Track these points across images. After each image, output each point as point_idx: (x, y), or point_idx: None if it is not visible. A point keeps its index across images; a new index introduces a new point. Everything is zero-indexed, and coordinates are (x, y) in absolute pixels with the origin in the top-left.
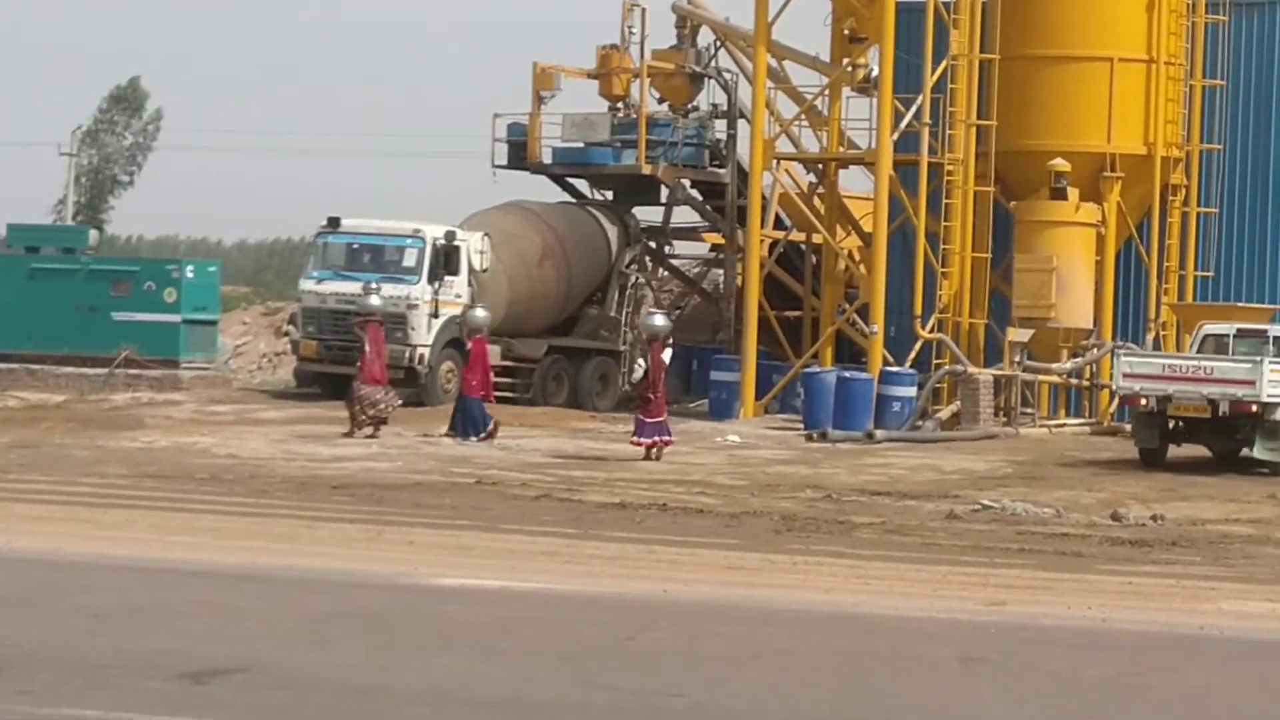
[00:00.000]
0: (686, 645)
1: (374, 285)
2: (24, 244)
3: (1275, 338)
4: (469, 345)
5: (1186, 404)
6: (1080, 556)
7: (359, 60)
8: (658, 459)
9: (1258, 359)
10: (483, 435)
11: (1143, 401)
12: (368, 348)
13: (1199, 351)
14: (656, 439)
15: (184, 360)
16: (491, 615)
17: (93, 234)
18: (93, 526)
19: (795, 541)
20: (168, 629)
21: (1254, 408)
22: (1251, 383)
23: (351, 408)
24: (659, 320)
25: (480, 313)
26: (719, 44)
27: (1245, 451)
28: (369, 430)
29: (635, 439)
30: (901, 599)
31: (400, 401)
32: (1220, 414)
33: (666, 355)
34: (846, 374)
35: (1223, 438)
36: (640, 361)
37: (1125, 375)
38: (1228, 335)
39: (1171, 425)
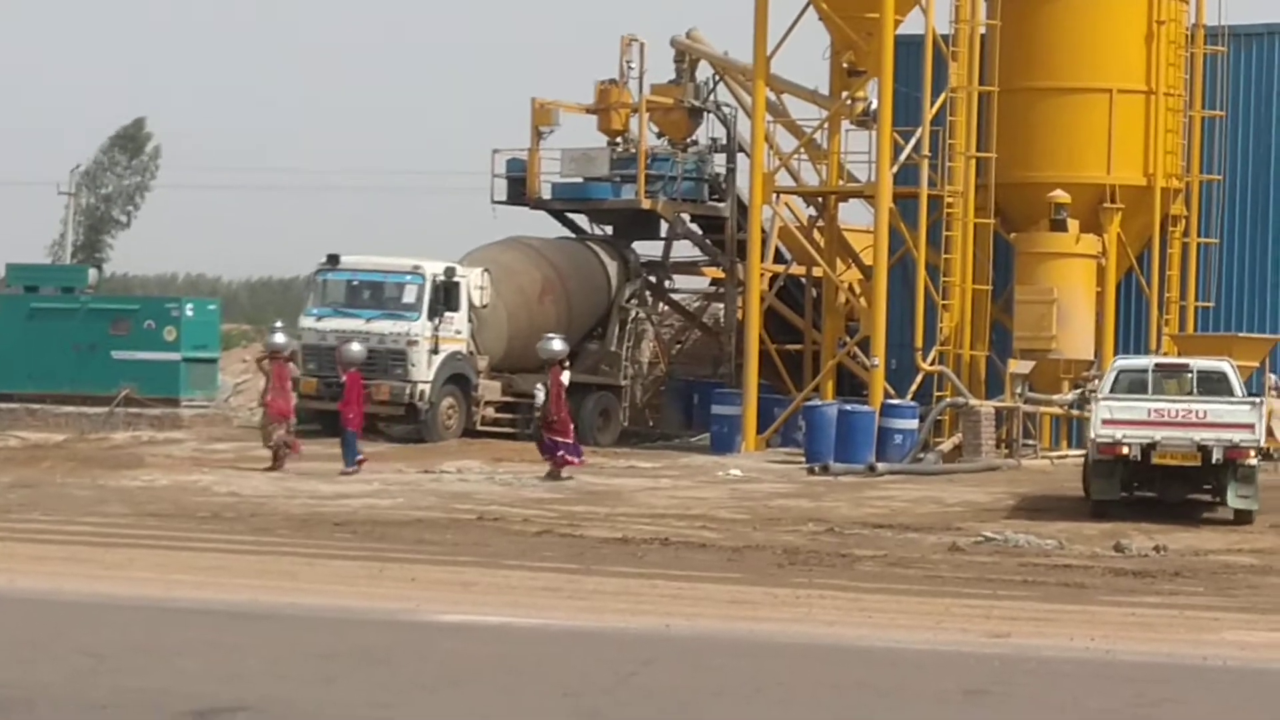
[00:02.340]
0: (689, 680)
1: (279, 324)
2: (23, 283)
3: (1201, 372)
4: (343, 378)
5: (1174, 451)
6: (1083, 588)
7: (357, 97)
8: (569, 478)
9: (1257, 400)
10: (350, 469)
11: (1124, 450)
12: (271, 382)
13: (1113, 391)
14: (566, 456)
15: (184, 398)
16: (494, 651)
17: (92, 273)
18: (94, 566)
19: (798, 575)
20: (170, 668)
21: (1250, 454)
22: (1250, 426)
23: (266, 436)
24: (556, 344)
25: (355, 346)
26: (718, 78)
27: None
28: (271, 464)
29: (557, 457)
30: (904, 631)
31: (293, 442)
32: (1214, 461)
33: (565, 378)
34: (848, 407)
35: (1187, 486)
36: (540, 386)
37: (1106, 421)
38: (1145, 370)
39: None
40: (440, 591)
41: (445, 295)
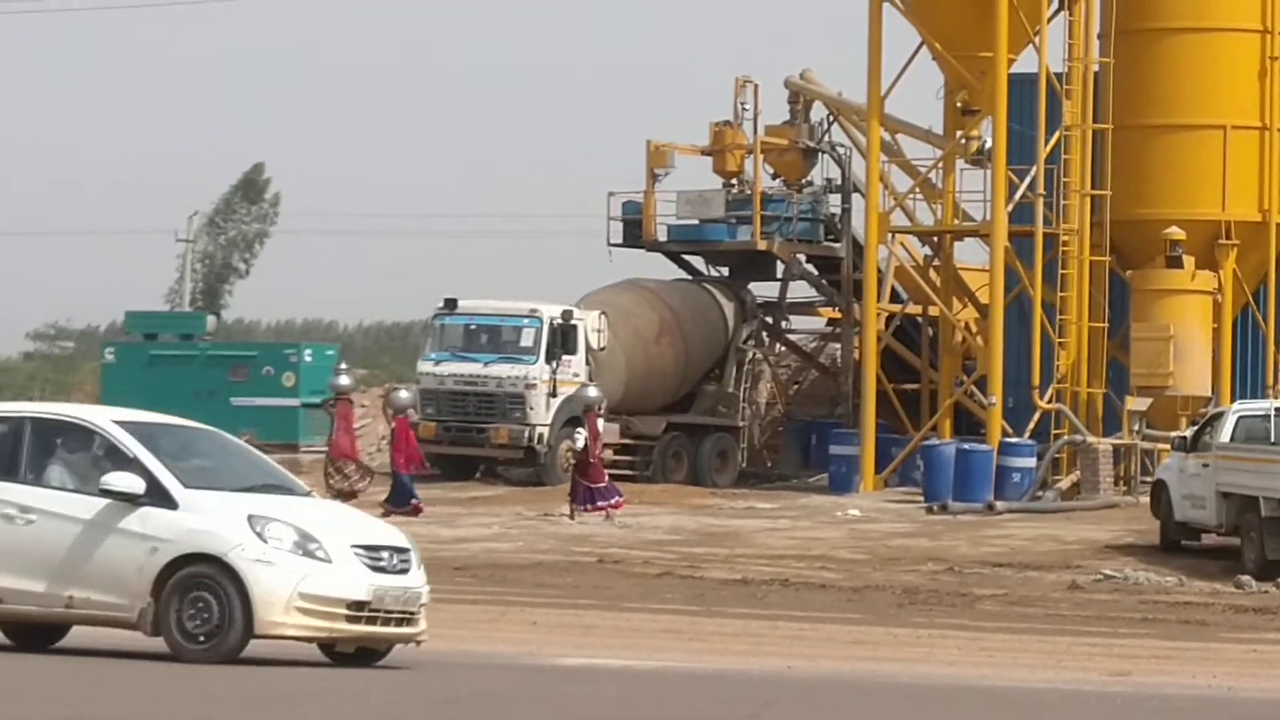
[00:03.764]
0: None
1: (342, 365)
2: (142, 330)
3: None
4: (393, 425)
5: None
6: (1204, 625)
7: (473, 141)
8: (610, 519)
9: None
10: (404, 508)
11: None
12: (336, 425)
13: (1231, 440)
14: (611, 500)
15: (303, 444)
16: (614, 694)
17: (210, 319)
18: None
19: (918, 614)
20: (290, 715)
21: None
22: None
23: (327, 481)
24: (592, 393)
25: (404, 394)
26: (832, 118)
27: None
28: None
29: (588, 506)
30: (1025, 670)
31: (367, 481)
32: None
33: (601, 424)
34: (965, 446)
35: None
36: (579, 431)
37: (1246, 475)
38: (1267, 415)
39: None
40: (561, 635)
41: (562, 338)
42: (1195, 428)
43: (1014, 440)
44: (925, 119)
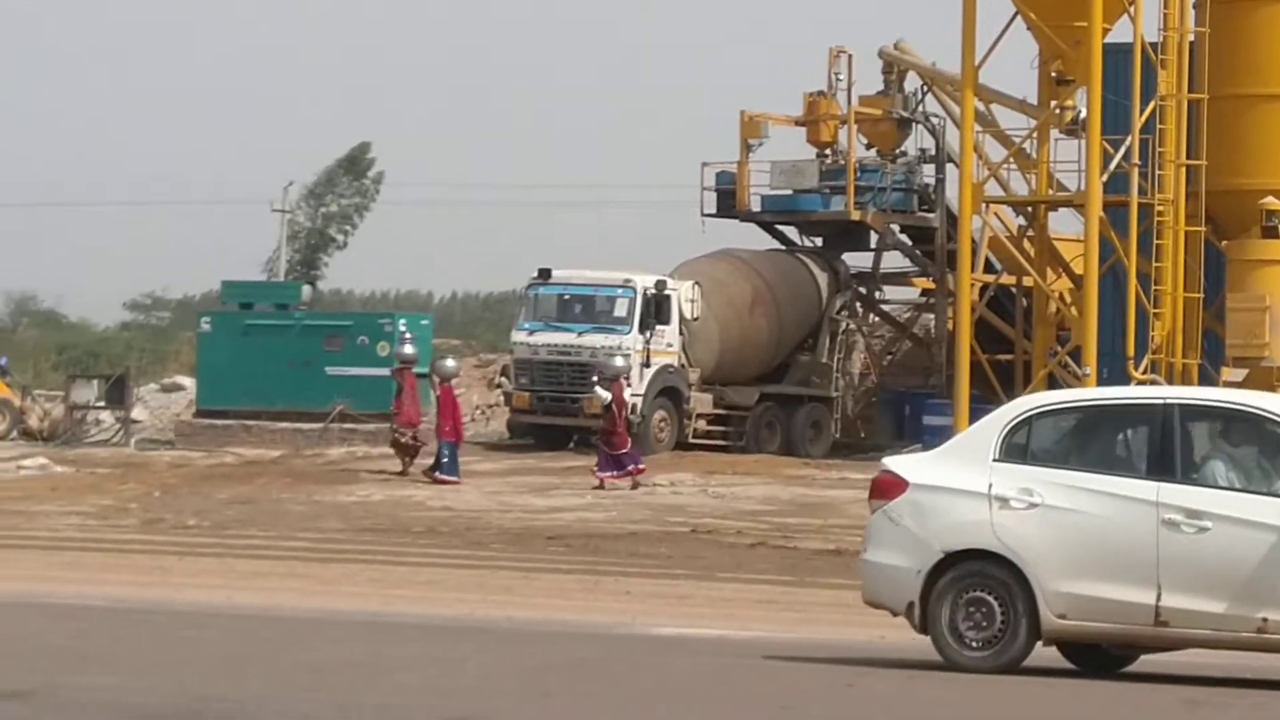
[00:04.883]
0: (905, 690)
1: (409, 335)
2: (238, 300)
3: None
4: (436, 393)
5: None
6: None
7: (566, 112)
8: (635, 488)
9: None
10: (450, 478)
11: None
12: (405, 394)
13: None
14: (636, 465)
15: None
16: (710, 664)
17: (306, 289)
18: (311, 581)
19: None
20: (388, 683)
21: None
22: None
23: (395, 439)
24: (619, 361)
25: (450, 362)
26: (926, 88)
27: None
28: (403, 464)
29: (611, 475)
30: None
31: (422, 445)
32: None
33: (627, 394)
34: None
35: None
36: (602, 391)
37: None
38: None
39: None
40: (655, 604)
41: (656, 308)
42: None
43: None
44: (1019, 89)
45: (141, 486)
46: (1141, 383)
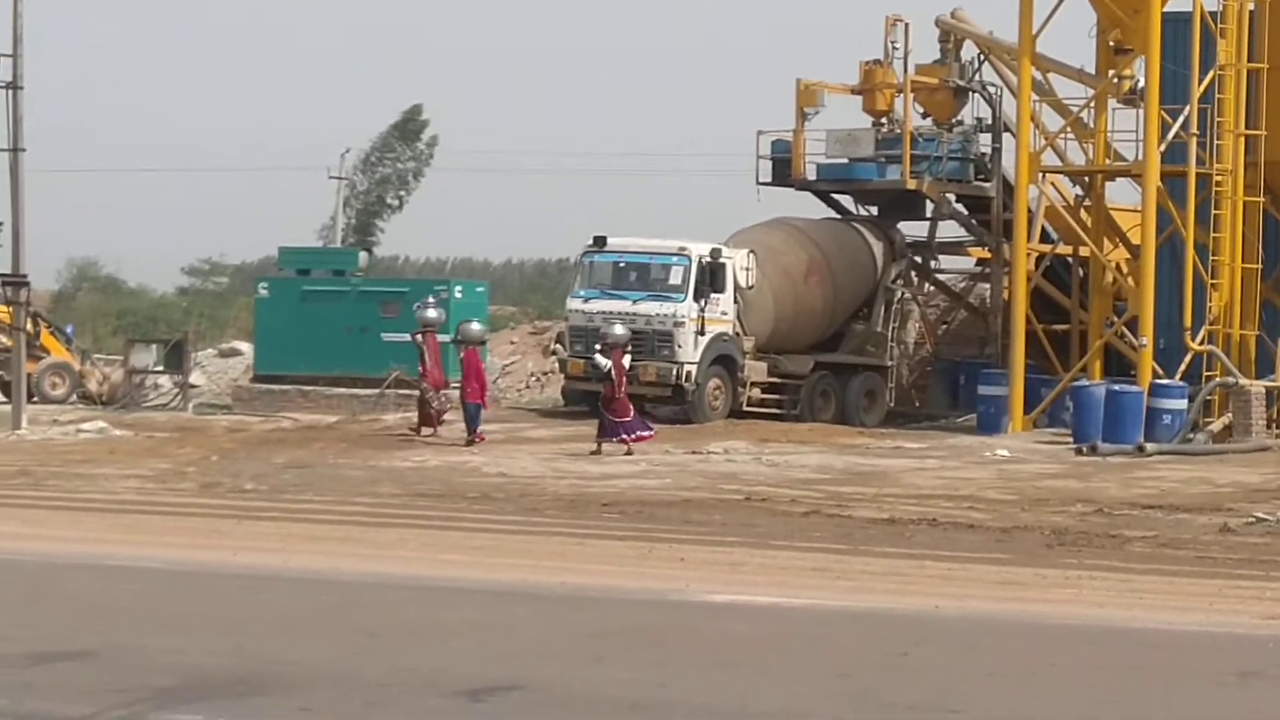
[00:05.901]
0: (960, 660)
1: (431, 300)
2: (295, 266)
3: None
4: (461, 355)
5: None
6: None
7: (622, 79)
8: (630, 453)
9: None
10: (470, 440)
11: None
12: (427, 356)
13: None
14: (633, 434)
15: (453, 380)
16: (763, 631)
17: (362, 256)
18: (367, 545)
19: (1067, 556)
20: (442, 647)
21: None
22: None
23: (421, 409)
24: (620, 329)
25: (475, 325)
26: (983, 57)
27: None
28: (429, 429)
29: (611, 439)
30: (1176, 613)
31: (449, 405)
32: None
33: (626, 361)
34: (1116, 387)
35: None
36: (602, 358)
37: None
38: None
39: None
40: (709, 571)
41: (711, 276)
42: None
43: (1165, 382)
44: (1077, 58)
45: (199, 450)
46: (1198, 355)
